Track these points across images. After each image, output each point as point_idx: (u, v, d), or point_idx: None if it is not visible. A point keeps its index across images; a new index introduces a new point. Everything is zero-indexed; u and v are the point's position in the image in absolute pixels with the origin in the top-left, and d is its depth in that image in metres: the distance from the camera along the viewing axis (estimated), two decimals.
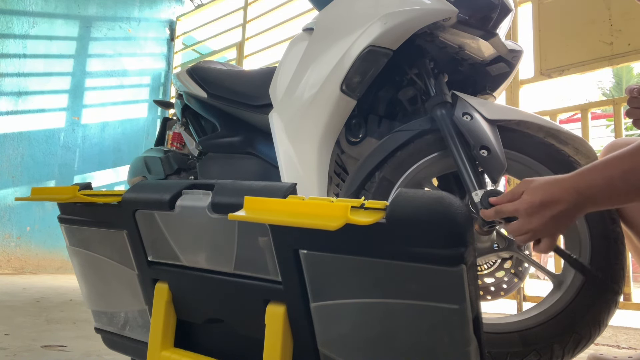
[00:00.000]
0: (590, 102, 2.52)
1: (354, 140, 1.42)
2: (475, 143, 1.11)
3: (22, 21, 3.99)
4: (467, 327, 0.52)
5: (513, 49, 1.38)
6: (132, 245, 0.76)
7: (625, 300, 2.25)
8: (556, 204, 0.75)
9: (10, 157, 3.87)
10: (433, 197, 0.51)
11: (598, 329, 1.02)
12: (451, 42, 1.32)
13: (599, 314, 1.02)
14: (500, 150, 1.12)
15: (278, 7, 4.09)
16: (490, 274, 1.23)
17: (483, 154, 1.11)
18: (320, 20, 1.43)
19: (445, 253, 0.49)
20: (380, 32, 1.23)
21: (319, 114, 1.30)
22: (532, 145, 1.15)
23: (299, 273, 0.60)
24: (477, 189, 1.09)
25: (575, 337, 1.01)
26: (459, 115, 1.17)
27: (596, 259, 1.04)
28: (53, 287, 2.79)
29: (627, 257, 1.07)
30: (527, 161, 1.15)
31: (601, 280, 1.02)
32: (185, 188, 0.70)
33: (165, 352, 0.74)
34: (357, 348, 0.60)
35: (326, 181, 1.30)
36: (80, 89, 4.33)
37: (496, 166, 1.10)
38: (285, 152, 1.33)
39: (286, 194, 0.59)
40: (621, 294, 1.05)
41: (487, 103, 1.23)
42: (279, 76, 1.45)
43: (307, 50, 1.40)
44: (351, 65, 1.25)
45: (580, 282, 1.04)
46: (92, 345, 1.25)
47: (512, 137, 1.17)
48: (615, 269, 1.03)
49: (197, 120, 1.86)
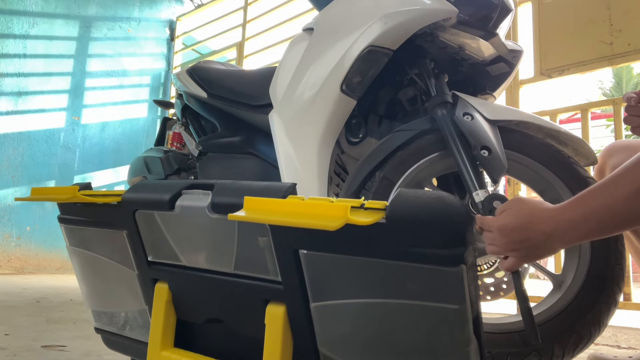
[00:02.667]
0: (590, 102, 2.51)
1: (354, 140, 1.42)
2: (476, 143, 1.11)
3: (22, 21, 3.99)
4: (467, 327, 0.52)
5: (513, 49, 1.38)
6: (132, 245, 0.76)
7: (625, 300, 2.25)
8: (526, 238, 0.74)
9: (10, 157, 3.87)
10: (433, 197, 0.51)
11: (598, 329, 1.02)
12: (451, 42, 1.32)
13: (599, 314, 1.01)
14: (501, 150, 1.12)
15: (278, 7, 4.09)
16: (490, 274, 1.23)
17: (484, 154, 1.11)
18: (320, 20, 1.43)
19: (445, 253, 0.49)
20: (380, 32, 1.23)
21: (319, 114, 1.30)
22: (532, 146, 1.15)
23: (299, 273, 0.59)
24: (477, 189, 1.09)
25: (576, 337, 1.01)
26: (459, 115, 1.17)
27: (596, 259, 1.04)
28: (53, 287, 2.79)
29: (626, 258, 1.07)
30: (527, 162, 1.15)
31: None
32: (185, 188, 0.70)
33: (165, 352, 0.74)
34: (357, 348, 0.60)
35: (326, 181, 1.30)
36: (80, 89, 4.33)
37: (497, 166, 1.10)
38: (285, 152, 1.33)
39: (286, 194, 0.59)
40: (621, 294, 1.04)
41: (487, 103, 1.23)
42: (279, 76, 1.45)
43: (307, 51, 1.40)
44: (351, 65, 1.25)
45: (580, 283, 1.04)
46: (92, 345, 1.25)
47: (512, 137, 1.17)
48: (615, 269, 1.03)
49: (197, 120, 1.86)
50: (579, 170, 1.11)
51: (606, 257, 1.04)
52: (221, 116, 1.70)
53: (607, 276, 1.03)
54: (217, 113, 1.71)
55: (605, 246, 1.04)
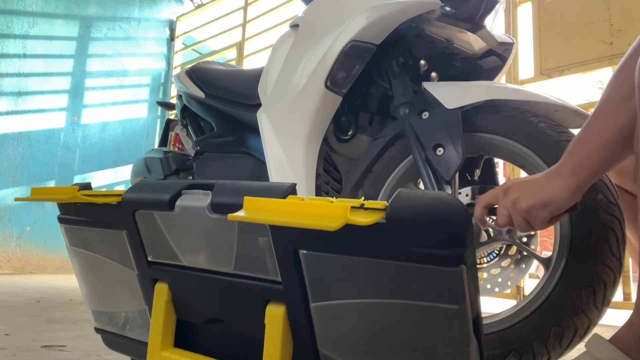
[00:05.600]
0: (590, 102, 2.51)
1: (344, 138, 1.41)
2: (427, 144, 1.08)
3: (22, 21, 3.99)
4: (467, 327, 0.52)
5: (504, 42, 1.36)
6: (132, 245, 0.76)
7: (625, 300, 2.25)
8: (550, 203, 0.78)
9: (10, 157, 3.87)
10: (433, 198, 0.51)
11: (584, 319, 0.92)
12: (438, 36, 1.29)
13: (581, 301, 0.92)
14: (458, 143, 1.06)
15: (278, 7, 4.09)
16: (486, 270, 1.22)
17: (439, 152, 1.07)
18: (305, 16, 1.43)
19: (445, 253, 0.49)
20: (362, 26, 1.21)
21: (305, 111, 1.29)
22: (502, 124, 1.08)
23: (298, 273, 0.60)
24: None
25: (556, 331, 0.93)
26: (416, 113, 1.15)
27: (577, 236, 0.93)
28: (53, 287, 2.79)
29: (616, 230, 0.93)
30: (498, 141, 1.09)
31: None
32: (185, 188, 0.70)
33: (165, 352, 0.74)
34: (357, 348, 0.60)
35: (314, 178, 1.29)
36: (80, 89, 4.33)
37: (447, 165, 1.06)
38: (272, 149, 1.33)
39: (286, 194, 0.59)
40: (614, 275, 0.91)
41: (454, 87, 1.17)
42: (267, 74, 1.45)
43: (292, 47, 1.40)
44: (335, 61, 1.24)
45: (561, 268, 0.95)
46: (92, 345, 1.25)
47: (490, 119, 1.10)
48: (598, 245, 0.91)
49: (195, 121, 1.87)
50: (551, 135, 1.02)
51: (587, 232, 0.92)
52: (218, 116, 1.71)
53: (587, 256, 0.92)
54: (214, 113, 1.72)
55: (585, 219, 0.92)
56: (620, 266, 0.93)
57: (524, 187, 0.81)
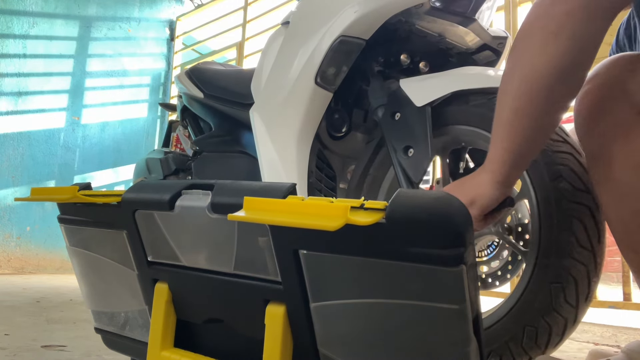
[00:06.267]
0: None
1: (338, 135, 1.40)
2: (397, 147, 1.07)
3: (22, 21, 3.99)
4: (467, 327, 0.52)
5: (497, 35, 1.35)
6: (132, 245, 0.76)
7: (625, 300, 2.25)
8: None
9: (10, 157, 3.87)
10: (433, 197, 0.51)
11: (558, 319, 0.87)
12: (430, 31, 1.28)
13: (550, 300, 0.87)
14: (425, 143, 1.05)
15: (278, 7, 4.09)
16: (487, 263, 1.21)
17: (410, 154, 1.06)
18: (295, 12, 1.42)
19: (445, 253, 0.49)
20: (351, 21, 1.21)
21: (296, 108, 1.28)
22: (468, 114, 1.06)
23: (298, 273, 0.60)
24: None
25: (530, 331, 0.89)
26: (390, 115, 1.14)
27: (544, 229, 0.88)
28: (53, 287, 2.79)
29: (581, 221, 0.86)
30: (469, 131, 1.07)
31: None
32: (185, 188, 0.70)
33: (165, 352, 0.74)
34: (357, 348, 0.60)
35: (306, 176, 1.28)
36: (80, 89, 4.33)
37: (416, 167, 1.05)
38: (264, 147, 1.33)
39: (286, 194, 0.59)
40: (586, 269, 0.85)
41: (427, 80, 1.14)
42: (259, 72, 1.45)
43: (283, 44, 1.39)
44: (324, 57, 1.23)
45: (532, 266, 0.90)
46: (92, 345, 1.25)
47: (464, 110, 1.07)
48: (562, 237, 0.85)
49: (195, 121, 1.87)
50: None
51: (550, 224, 0.87)
52: (216, 115, 1.71)
53: (552, 250, 0.86)
54: (213, 113, 1.72)
55: (547, 211, 0.88)
56: (594, 258, 0.86)
57: (455, 187, 0.81)
